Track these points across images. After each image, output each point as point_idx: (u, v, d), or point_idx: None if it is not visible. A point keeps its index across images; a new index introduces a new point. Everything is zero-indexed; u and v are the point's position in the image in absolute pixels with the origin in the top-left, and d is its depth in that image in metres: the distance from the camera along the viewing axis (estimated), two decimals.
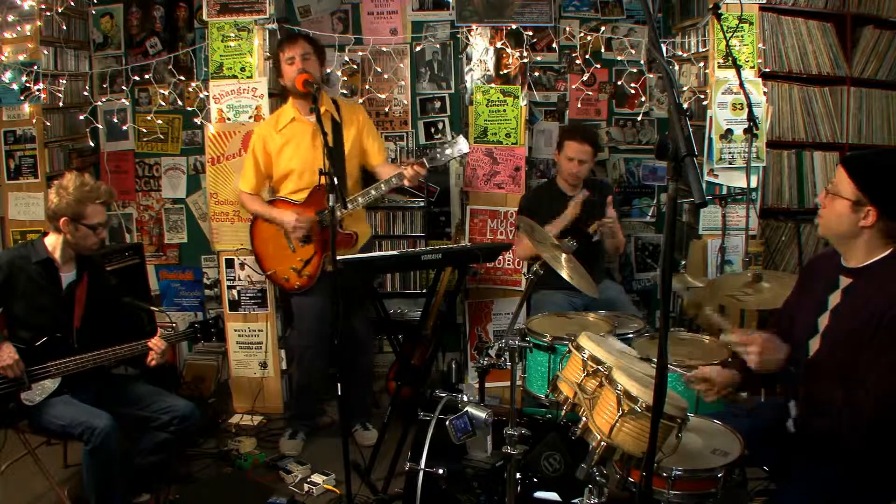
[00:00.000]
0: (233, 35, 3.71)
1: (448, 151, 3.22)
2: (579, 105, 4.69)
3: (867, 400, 1.88)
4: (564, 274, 2.53)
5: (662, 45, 3.95)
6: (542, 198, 3.71)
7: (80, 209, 2.67)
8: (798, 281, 2.33)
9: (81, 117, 4.15)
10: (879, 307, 1.91)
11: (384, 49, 4.34)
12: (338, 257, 2.69)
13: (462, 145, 3.22)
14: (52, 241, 2.77)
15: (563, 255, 2.55)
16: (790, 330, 2.24)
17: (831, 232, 2.05)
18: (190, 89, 4.10)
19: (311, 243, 3.35)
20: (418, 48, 4.46)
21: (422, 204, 4.55)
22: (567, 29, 4.42)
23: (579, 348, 1.96)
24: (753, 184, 3.70)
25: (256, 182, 3.43)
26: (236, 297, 3.88)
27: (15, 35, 3.76)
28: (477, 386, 2.68)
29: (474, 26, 3.90)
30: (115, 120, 4.53)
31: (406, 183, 3.26)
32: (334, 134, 3.34)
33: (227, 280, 3.88)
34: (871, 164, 2.02)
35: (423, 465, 2.34)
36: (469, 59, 4.04)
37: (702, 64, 3.93)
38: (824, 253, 2.21)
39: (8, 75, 3.74)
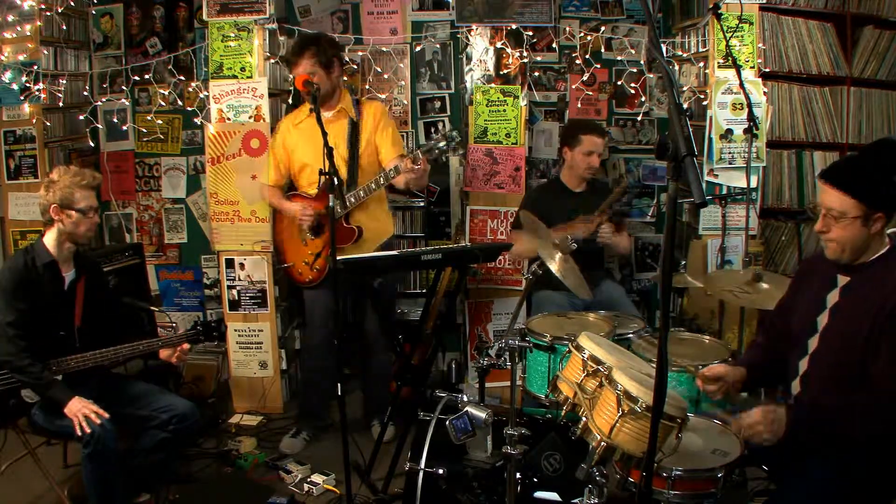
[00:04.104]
0: (233, 35, 3.71)
1: (441, 144, 3.17)
2: (579, 105, 4.68)
3: (873, 400, 1.89)
4: (555, 271, 2.52)
5: (662, 45, 3.96)
6: (547, 195, 3.70)
7: (68, 194, 2.71)
8: (792, 282, 2.35)
9: (81, 117, 4.15)
10: (880, 299, 1.93)
11: (384, 49, 4.34)
12: (340, 256, 2.69)
13: (451, 139, 3.16)
14: (50, 239, 2.76)
15: (558, 255, 2.55)
16: (786, 331, 2.25)
17: (847, 252, 2.03)
18: (190, 89, 4.10)
19: (321, 237, 3.40)
20: (418, 48, 4.45)
21: (422, 204, 4.55)
22: (567, 29, 4.42)
23: (579, 348, 1.97)
24: (753, 184, 3.70)
25: (275, 175, 3.56)
26: (236, 297, 3.88)
27: (15, 35, 3.76)
28: (477, 386, 2.68)
29: (474, 26, 3.90)
30: (115, 120, 4.52)
31: (402, 179, 3.25)
32: (351, 132, 3.38)
33: (227, 280, 3.88)
34: (862, 173, 2.00)
35: (423, 465, 2.34)
36: (469, 59, 4.03)
37: (702, 64, 3.93)
38: (819, 253, 2.21)
39: (8, 75, 3.74)
